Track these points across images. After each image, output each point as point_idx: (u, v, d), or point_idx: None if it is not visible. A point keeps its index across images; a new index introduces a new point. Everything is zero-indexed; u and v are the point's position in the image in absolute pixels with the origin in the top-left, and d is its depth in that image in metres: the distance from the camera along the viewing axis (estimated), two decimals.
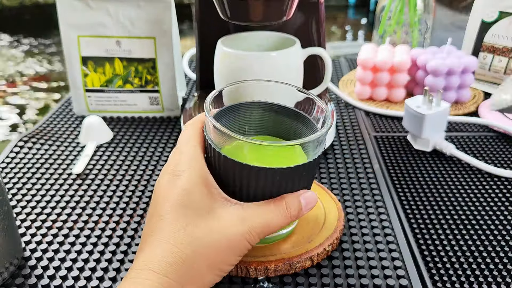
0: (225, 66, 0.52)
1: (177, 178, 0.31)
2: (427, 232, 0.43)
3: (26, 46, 3.38)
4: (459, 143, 0.58)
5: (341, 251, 0.39)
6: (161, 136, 0.60)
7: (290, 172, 0.31)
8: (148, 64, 0.63)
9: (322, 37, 0.59)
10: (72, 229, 0.42)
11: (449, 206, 0.46)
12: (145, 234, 0.30)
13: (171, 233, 0.29)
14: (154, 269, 0.27)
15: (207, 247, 0.29)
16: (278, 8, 0.47)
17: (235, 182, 0.32)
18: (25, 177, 0.51)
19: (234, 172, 0.32)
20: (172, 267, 0.28)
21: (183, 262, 0.28)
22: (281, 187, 0.32)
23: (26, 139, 0.58)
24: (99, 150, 0.57)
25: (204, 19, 0.59)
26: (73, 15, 0.61)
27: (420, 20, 0.79)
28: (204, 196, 0.30)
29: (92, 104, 0.65)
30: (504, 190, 0.49)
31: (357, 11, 4.56)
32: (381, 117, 0.66)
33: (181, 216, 0.29)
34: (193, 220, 0.29)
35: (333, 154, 0.55)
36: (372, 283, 0.35)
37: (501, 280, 0.37)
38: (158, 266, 0.27)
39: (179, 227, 0.29)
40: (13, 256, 0.37)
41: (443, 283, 0.37)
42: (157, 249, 0.28)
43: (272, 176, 0.31)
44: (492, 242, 0.41)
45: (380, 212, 0.44)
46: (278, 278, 0.36)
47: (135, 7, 0.60)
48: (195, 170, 0.31)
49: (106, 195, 0.48)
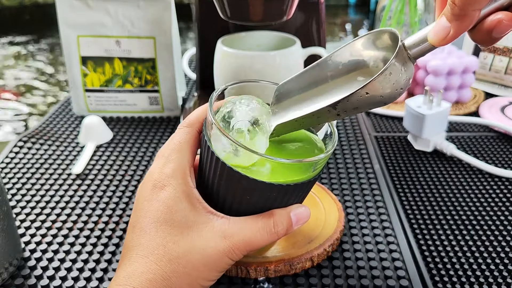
0: (225, 66, 0.52)
1: (160, 191, 0.30)
2: (427, 233, 0.42)
3: (24, 46, 3.38)
4: (460, 143, 0.58)
5: (341, 252, 0.39)
6: (161, 136, 0.60)
7: (290, 188, 0.30)
8: (147, 64, 0.62)
9: (322, 37, 0.59)
10: (71, 230, 0.42)
11: (449, 206, 0.46)
12: (126, 246, 0.30)
13: (151, 249, 0.28)
14: (134, 285, 0.27)
15: (187, 265, 0.28)
16: (278, 8, 0.47)
17: (227, 190, 0.31)
18: (25, 177, 0.51)
19: (228, 180, 0.30)
20: (151, 283, 0.27)
21: (163, 279, 0.28)
22: (275, 202, 0.31)
23: (25, 139, 0.58)
24: (98, 150, 0.57)
25: (204, 19, 0.59)
26: (73, 15, 0.61)
27: (420, 20, 0.79)
28: (187, 212, 0.30)
29: (91, 104, 0.65)
30: (505, 190, 0.48)
31: (357, 10, 4.56)
32: (382, 117, 0.66)
33: (162, 233, 0.29)
34: (174, 237, 0.29)
35: (334, 154, 0.55)
36: (372, 284, 0.35)
37: (502, 280, 0.37)
38: (138, 282, 0.27)
39: (159, 243, 0.29)
40: (13, 256, 0.37)
41: (444, 283, 0.37)
42: (137, 265, 0.28)
43: (269, 191, 0.29)
44: (493, 242, 0.41)
45: (380, 213, 0.44)
46: (278, 278, 0.36)
47: (135, 7, 0.60)
48: (179, 185, 0.30)
49: (106, 195, 0.48)
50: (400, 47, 0.26)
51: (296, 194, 0.31)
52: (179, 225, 0.29)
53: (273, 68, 0.50)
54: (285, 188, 0.30)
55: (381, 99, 0.27)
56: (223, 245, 0.29)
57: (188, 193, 0.30)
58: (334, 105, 0.28)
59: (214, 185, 0.31)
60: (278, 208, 0.31)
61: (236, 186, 0.30)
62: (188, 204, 0.30)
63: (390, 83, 0.26)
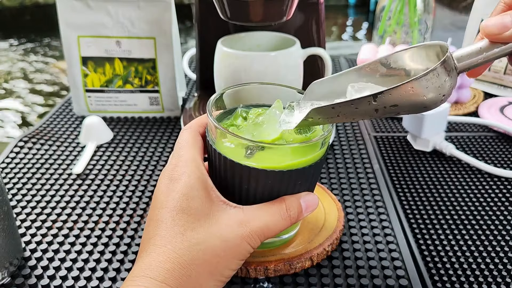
0: (225, 66, 0.52)
1: (175, 182, 0.30)
2: (427, 232, 0.43)
3: (25, 46, 3.38)
4: (459, 143, 0.58)
5: (341, 251, 0.39)
6: (161, 136, 0.60)
7: (291, 174, 0.31)
8: (148, 64, 0.63)
9: (322, 37, 0.59)
10: (72, 229, 0.42)
11: (449, 206, 0.46)
12: (143, 240, 0.30)
13: (168, 238, 0.28)
14: (152, 275, 0.26)
15: (206, 251, 0.28)
16: (278, 8, 0.47)
17: (234, 183, 0.32)
18: (25, 177, 0.51)
19: (233, 173, 0.31)
20: (170, 273, 0.27)
21: (182, 268, 0.27)
22: (282, 188, 0.32)
23: (26, 139, 0.58)
24: (99, 150, 0.57)
25: (204, 19, 0.59)
26: (73, 15, 0.61)
27: (420, 20, 0.79)
28: (203, 200, 0.30)
29: (92, 104, 0.65)
30: (504, 190, 0.49)
31: (357, 11, 4.56)
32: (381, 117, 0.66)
33: (179, 221, 0.29)
34: (191, 224, 0.29)
35: (333, 154, 0.55)
36: (372, 283, 0.35)
37: (501, 280, 0.37)
38: (156, 272, 0.27)
39: (177, 232, 0.28)
40: (13, 256, 0.37)
41: (443, 283, 0.37)
42: (154, 255, 0.28)
43: (272, 178, 0.31)
44: (492, 242, 0.41)
45: (380, 212, 0.44)
46: (278, 278, 0.36)
47: (135, 7, 0.60)
48: (193, 173, 0.31)
49: (106, 195, 0.48)
50: (449, 55, 0.27)
51: (305, 178, 0.32)
52: (195, 212, 0.29)
53: (273, 69, 0.50)
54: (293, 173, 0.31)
55: (423, 101, 0.27)
56: (241, 231, 0.29)
57: (202, 180, 0.31)
58: (375, 96, 0.27)
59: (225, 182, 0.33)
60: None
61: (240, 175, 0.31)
62: (203, 192, 0.30)
63: (435, 84, 0.26)
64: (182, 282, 0.27)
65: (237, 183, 0.32)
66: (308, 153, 0.32)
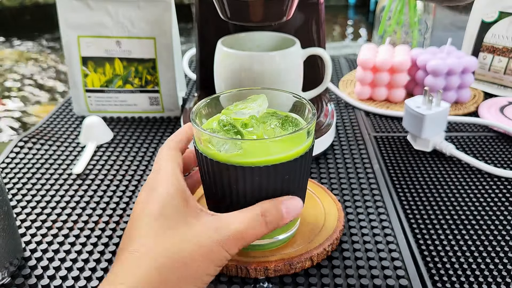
0: (225, 66, 0.52)
1: (154, 192, 0.31)
2: (427, 232, 0.43)
3: (25, 46, 3.38)
4: (459, 143, 0.58)
5: (341, 251, 0.39)
6: (161, 136, 0.60)
7: (277, 169, 0.31)
8: (148, 64, 0.63)
9: (322, 37, 0.59)
10: (72, 229, 0.42)
11: (449, 206, 0.46)
12: (119, 249, 0.29)
13: (143, 244, 0.28)
14: (125, 283, 0.26)
15: (182, 255, 0.28)
16: (278, 8, 0.47)
17: (223, 186, 0.32)
18: (25, 177, 0.51)
19: (221, 175, 0.32)
20: (145, 279, 0.26)
21: (158, 273, 0.27)
22: (270, 185, 0.32)
23: (26, 139, 0.58)
24: (99, 150, 0.57)
25: (204, 19, 0.59)
26: (73, 15, 0.61)
27: (420, 20, 0.79)
28: (180, 208, 0.30)
29: (92, 104, 0.65)
30: (504, 190, 0.49)
31: (357, 11, 4.56)
32: (381, 117, 0.66)
33: (154, 228, 0.29)
34: (168, 230, 0.29)
35: (333, 154, 0.55)
36: (372, 283, 0.35)
37: (501, 280, 0.37)
38: (130, 279, 0.26)
39: (151, 237, 0.28)
40: (13, 256, 0.37)
41: (443, 283, 0.37)
42: (128, 262, 0.27)
43: (258, 174, 0.31)
44: (492, 242, 0.41)
45: (380, 212, 0.44)
46: (278, 278, 0.36)
47: (135, 7, 0.60)
48: (172, 184, 0.31)
49: (106, 195, 0.48)
50: None
51: (293, 172, 0.33)
52: (171, 218, 0.29)
53: (273, 69, 0.50)
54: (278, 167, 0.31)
55: None
56: (216, 236, 0.29)
57: (181, 190, 0.31)
58: None
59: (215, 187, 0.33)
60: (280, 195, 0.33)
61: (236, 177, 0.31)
62: (181, 200, 0.31)
63: None
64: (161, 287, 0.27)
65: (226, 184, 0.32)
66: (292, 146, 0.32)
